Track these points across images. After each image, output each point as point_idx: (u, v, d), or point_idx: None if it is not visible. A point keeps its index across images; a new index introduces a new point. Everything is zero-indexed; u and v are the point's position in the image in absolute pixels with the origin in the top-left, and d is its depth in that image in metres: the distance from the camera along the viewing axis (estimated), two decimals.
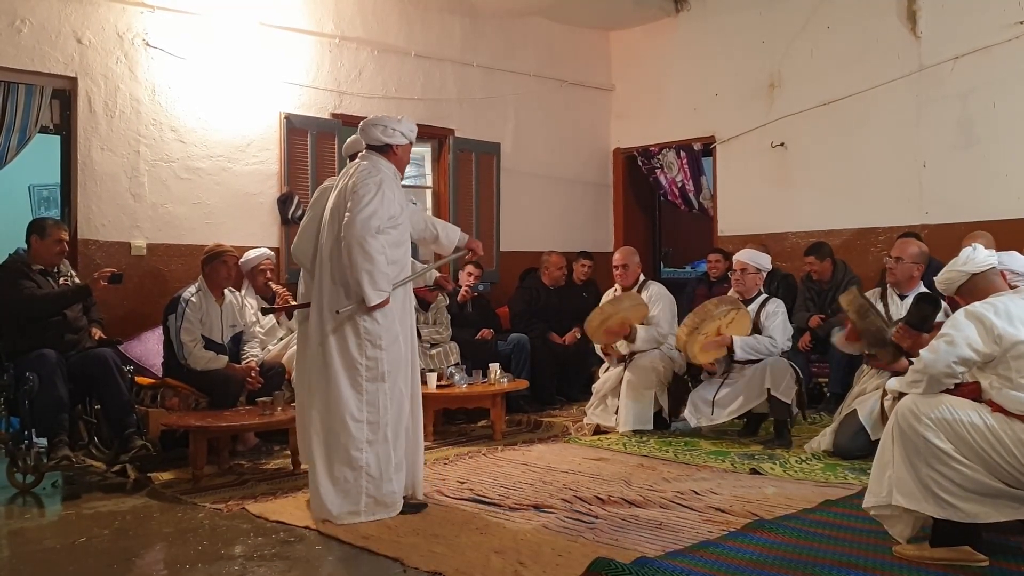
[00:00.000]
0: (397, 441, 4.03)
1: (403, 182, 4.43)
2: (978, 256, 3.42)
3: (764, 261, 5.87)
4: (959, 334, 3.18)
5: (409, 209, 4.37)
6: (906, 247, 5.23)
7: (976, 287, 3.39)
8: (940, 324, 3.50)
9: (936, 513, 3.10)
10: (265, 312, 5.68)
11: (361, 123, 4.24)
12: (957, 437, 3.10)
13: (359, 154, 4.25)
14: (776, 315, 5.66)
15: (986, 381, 3.20)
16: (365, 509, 3.92)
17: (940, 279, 3.53)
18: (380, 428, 3.97)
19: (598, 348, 6.27)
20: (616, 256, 6.34)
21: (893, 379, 3.52)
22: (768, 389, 5.40)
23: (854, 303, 4.80)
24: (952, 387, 3.23)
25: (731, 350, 5.56)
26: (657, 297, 6.10)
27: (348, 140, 4.66)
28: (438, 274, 4.77)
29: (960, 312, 3.28)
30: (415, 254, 5.09)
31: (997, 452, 3.06)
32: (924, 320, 3.88)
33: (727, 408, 5.59)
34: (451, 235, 4.57)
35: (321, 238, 4.13)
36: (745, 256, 5.85)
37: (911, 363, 4.78)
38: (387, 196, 4.00)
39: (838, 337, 5.18)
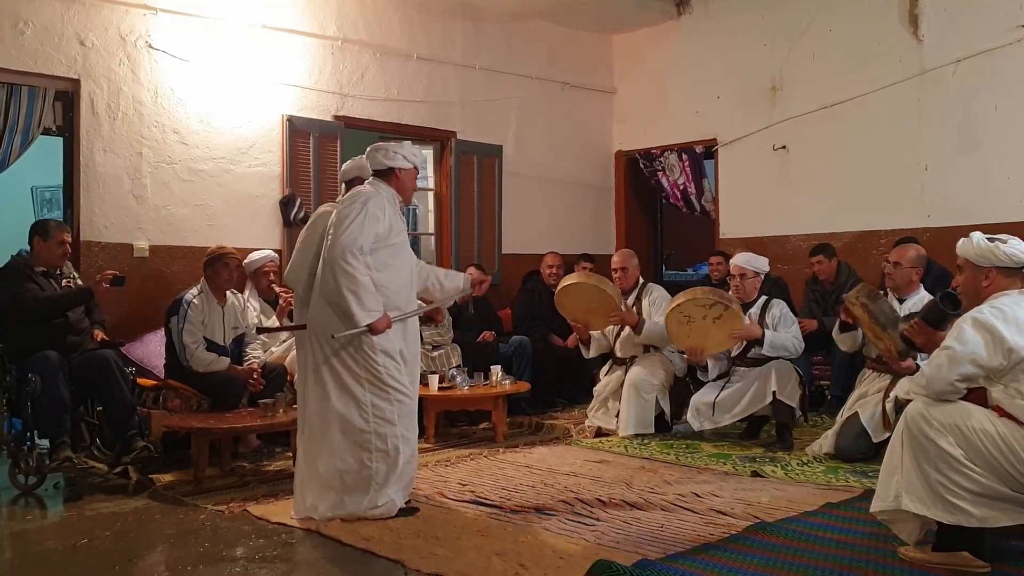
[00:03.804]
0: (405, 448, 4.04)
1: None
2: (1020, 251, 3.24)
3: (762, 264, 5.87)
4: (963, 348, 3.11)
5: (413, 261, 4.33)
6: (904, 252, 5.26)
7: (1001, 277, 3.26)
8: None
9: (945, 518, 3.07)
10: (260, 332, 5.67)
11: (368, 148, 4.24)
12: (967, 443, 3.07)
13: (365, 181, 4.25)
14: (786, 317, 5.68)
15: (994, 390, 3.17)
16: (367, 510, 3.93)
17: (974, 244, 3.31)
18: (388, 439, 3.96)
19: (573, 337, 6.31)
20: (615, 259, 6.35)
21: (904, 379, 3.45)
22: (774, 392, 5.40)
23: (864, 289, 4.89)
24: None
25: (756, 343, 5.56)
26: (658, 300, 6.10)
27: (344, 166, 4.65)
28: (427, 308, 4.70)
29: (966, 320, 3.18)
30: None
31: (1007, 459, 3.03)
32: (942, 319, 3.82)
33: (731, 411, 5.58)
34: (455, 282, 4.55)
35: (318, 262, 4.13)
36: (742, 261, 5.83)
37: (918, 366, 4.80)
38: (372, 215, 3.96)
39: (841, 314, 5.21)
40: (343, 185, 4.65)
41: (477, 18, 8.12)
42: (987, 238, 3.33)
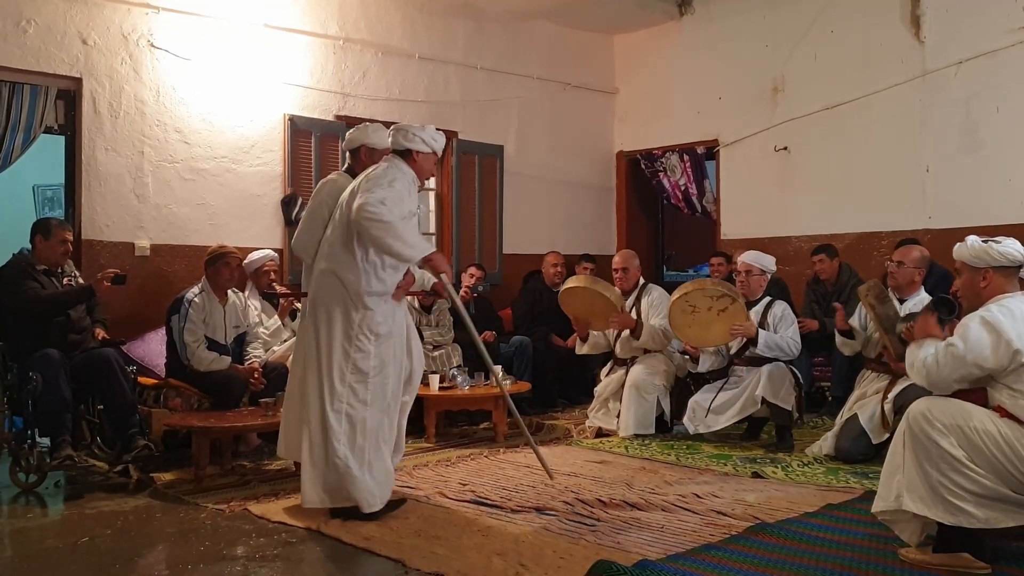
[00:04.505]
0: (377, 438, 4.02)
1: None
2: (1015, 250, 3.26)
3: (768, 263, 5.87)
4: (967, 350, 3.12)
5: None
6: (908, 252, 5.27)
7: (999, 277, 3.28)
8: (955, 321, 3.43)
9: (946, 519, 3.07)
10: (266, 297, 5.68)
11: (391, 127, 4.29)
12: (969, 444, 3.07)
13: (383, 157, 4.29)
14: (787, 318, 5.68)
15: (996, 391, 3.18)
16: (346, 498, 3.90)
17: (968, 246, 3.33)
18: (357, 423, 3.96)
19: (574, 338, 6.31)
20: (616, 260, 6.35)
21: (912, 346, 3.41)
22: (763, 397, 5.39)
23: (875, 288, 4.95)
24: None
25: (751, 343, 5.56)
26: (659, 301, 6.09)
27: (349, 134, 4.63)
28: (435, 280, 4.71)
29: (974, 319, 3.19)
30: None
31: (1010, 461, 3.04)
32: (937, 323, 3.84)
33: (724, 415, 5.58)
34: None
35: (326, 232, 4.16)
36: (749, 258, 5.84)
37: None
38: (398, 191, 4.01)
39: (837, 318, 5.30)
40: (347, 154, 4.63)
41: (479, 18, 8.12)
42: (981, 239, 3.35)
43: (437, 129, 4.30)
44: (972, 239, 3.36)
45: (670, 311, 5.68)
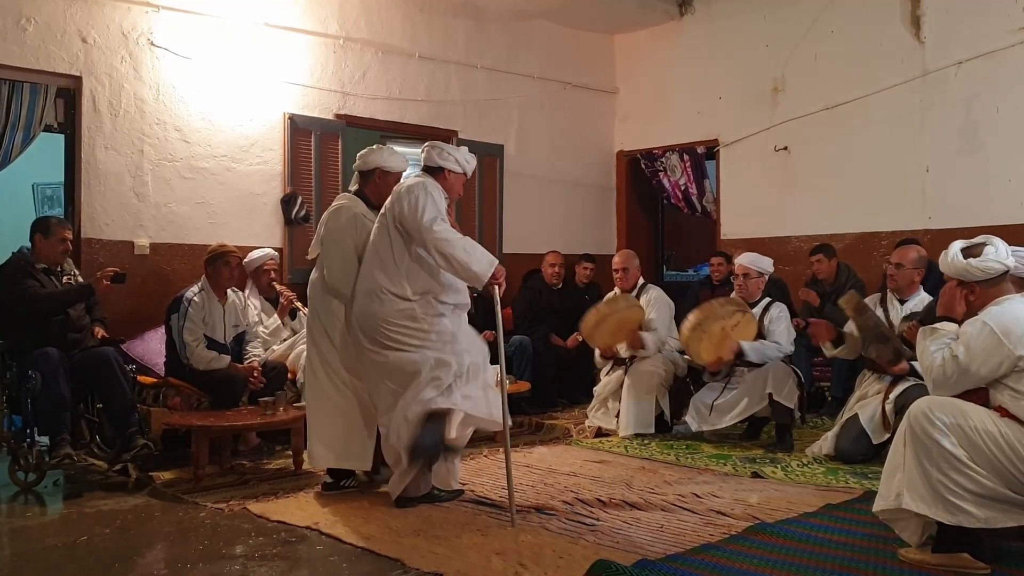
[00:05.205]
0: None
1: None
2: (996, 261, 3.25)
3: (766, 265, 5.87)
4: (971, 360, 3.14)
5: None
6: (906, 253, 5.26)
7: (987, 288, 3.28)
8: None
9: (946, 519, 3.07)
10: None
11: (426, 143, 4.36)
12: (970, 443, 3.07)
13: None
14: (780, 319, 5.67)
15: (997, 391, 3.18)
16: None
17: (950, 262, 3.33)
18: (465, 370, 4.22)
19: (597, 354, 6.28)
20: (616, 259, 6.35)
21: (923, 332, 3.42)
22: (770, 394, 5.40)
23: (852, 300, 4.95)
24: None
25: (738, 356, 5.55)
26: (655, 301, 6.11)
27: (366, 156, 4.59)
28: None
29: (974, 325, 3.19)
30: None
31: (1010, 461, 3.04)
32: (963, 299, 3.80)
33: (728, 413, 5.58)
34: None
35: (368, 258, 4.22)
36: (746, 260, 5.84)
37: (912, 366, 4.82)
38: (436, 199, 4.08)
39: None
40: (356, 174, 4.61)
41: (479, 17, 8.11)
42: (962, 250, 3.35)
43: (471, 151, 4.37)
44: (953, 252, 3.36)
45: (687, 344, 5.65)
